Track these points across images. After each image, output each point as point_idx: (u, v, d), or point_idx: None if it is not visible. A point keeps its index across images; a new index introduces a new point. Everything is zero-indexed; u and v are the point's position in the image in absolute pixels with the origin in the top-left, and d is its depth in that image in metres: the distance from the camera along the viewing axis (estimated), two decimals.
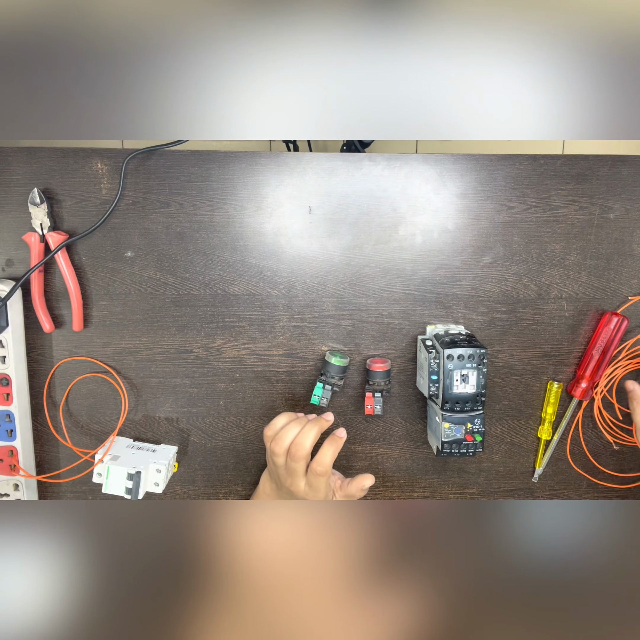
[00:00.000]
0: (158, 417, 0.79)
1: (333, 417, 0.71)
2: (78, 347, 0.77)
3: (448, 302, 0.77)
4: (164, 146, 0.71)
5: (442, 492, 0.83)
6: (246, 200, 0.74)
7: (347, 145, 1.11)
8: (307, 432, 0.66)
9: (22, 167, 0.72)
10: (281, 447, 0.67)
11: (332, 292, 0.76)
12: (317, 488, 0.68)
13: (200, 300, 0.76)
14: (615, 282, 0.77)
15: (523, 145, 1.65)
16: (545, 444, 0.80)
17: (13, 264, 0.74)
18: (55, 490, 0.81)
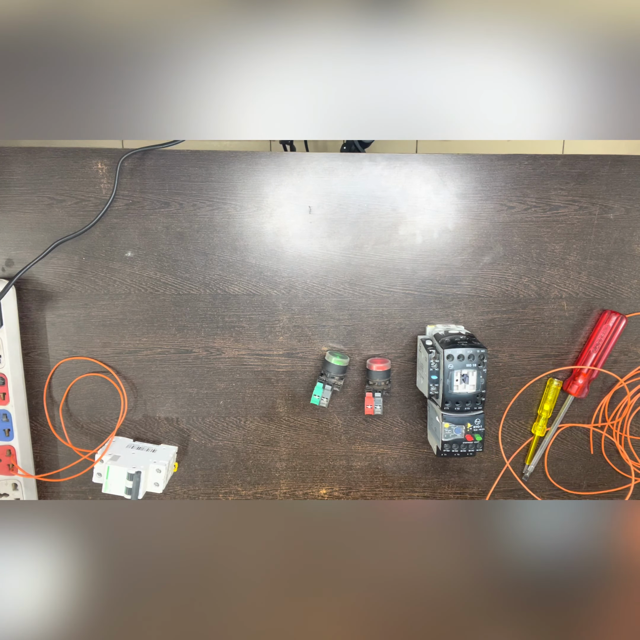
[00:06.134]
0: (158, 417, 0.79)
1: None
2: (78, 347, 0.77)
3: (448, 302, 0.77)
4: (160, 146, 0.71)
5: (442, 492, 0.83)
6: (246, 200, 0.74)
7: (347, 145, 1.11)
8: None
9: (22, 167, 0.72)
10: None
11: (332, 292, 0.76)
12: None
13: (200, 300, 0.76)
14: (615, 282, 0.77)
15: (523, 145, 1.65)
16: (538, 440, 0.80)
17: (13, 264, 0.74)
18: (55, 490, 0.81)
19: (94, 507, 0.47)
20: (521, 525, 0.47)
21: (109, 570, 0.44)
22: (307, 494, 0.83)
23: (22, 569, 0.43)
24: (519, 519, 0.47)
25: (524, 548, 0.46)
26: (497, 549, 0.46)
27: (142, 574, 0.44)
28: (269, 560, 0.46)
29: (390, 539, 0.47)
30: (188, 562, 0.45)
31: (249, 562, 0.45)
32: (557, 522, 0.47)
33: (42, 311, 0.75)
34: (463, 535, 0.46)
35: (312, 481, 0.82)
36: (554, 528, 0.46)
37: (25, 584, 0.43)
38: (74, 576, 0.43)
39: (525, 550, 0.46)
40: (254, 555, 0.45)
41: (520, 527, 0.47)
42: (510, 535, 0.46)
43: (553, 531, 0.46)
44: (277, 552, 0.46)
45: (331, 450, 0.81)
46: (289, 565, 0.45)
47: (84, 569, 0.43)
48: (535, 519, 0.47)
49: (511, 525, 0.47)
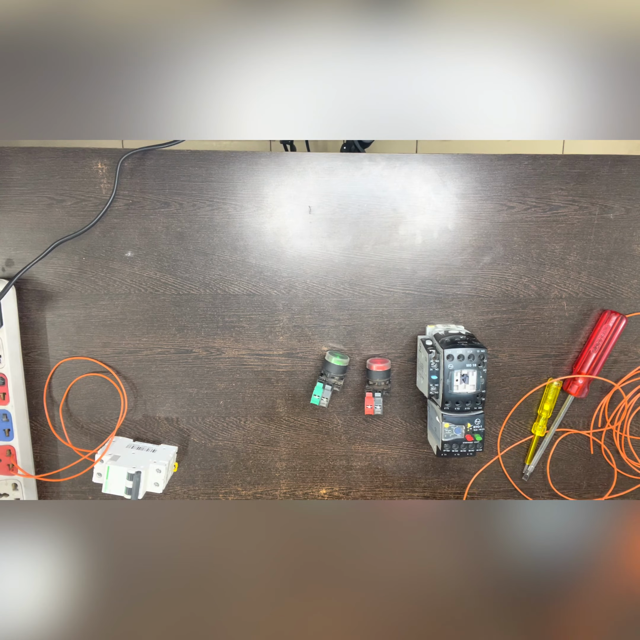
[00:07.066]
0: (158, 417, 0.79)
1: None
2: (78, 347, 0.77)
3: (448, 302, 0.77)
4: (160, 146, 0.71)
5: (442, 492, 0.83)
6: (246, 200, 0.74)
7: (347, 145, 1.11)
8: None
9: (22, 167, 0.72)
10: None
11: (332, 292, 0.76)
12: None
13: (200, 300, 0.76)
14: (615, 282, 0.77)
15: (523, 145, 1.65)
16: (538, 440, 0.80)
17: (13, 264, 0.74)
18: (55, 490, 0.81)
19: (94, 507, 0.47)
20: (521, 525, 0.47)
21: (109, 570, 0.44)
22: (307, 494, 0.83)
23: (22, 569, 0.43)
24: (518, 519, 0.47)
25: (524, 548, 0.46)
26: (497, 548, 0.46)
27: (142, 574, 0.44)
28: (269, 560, 0.46)
29: (390, 539, 0.47)
30: (188, 562, 0.45)
31: (249, 562, 0.45)
32: (556, 522, 0.47)
33: (42, 311, 0.75)
34: (463, 535, 0.46)
35: (312, 481, 0.82)
36: (553, 528, 0.46)
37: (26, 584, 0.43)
38: (74, 576, 0.43)
39: (525, 550, 0.46)
40: (254, 555, 0.45)
41: (519, 527, 0.47)
42: (510, 535, 0.46)
43: (552, 531, 0.46)
44: (277, 552, 0.46)
45: (331, 450, 0.81)
46: (289, 565, 0.45)
47: (84, 569, 0.43)
48: (535, 519, 0.47)
49: (511, 525, 0.47)
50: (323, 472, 0.81)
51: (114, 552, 0.44)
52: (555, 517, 0.47)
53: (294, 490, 0.82)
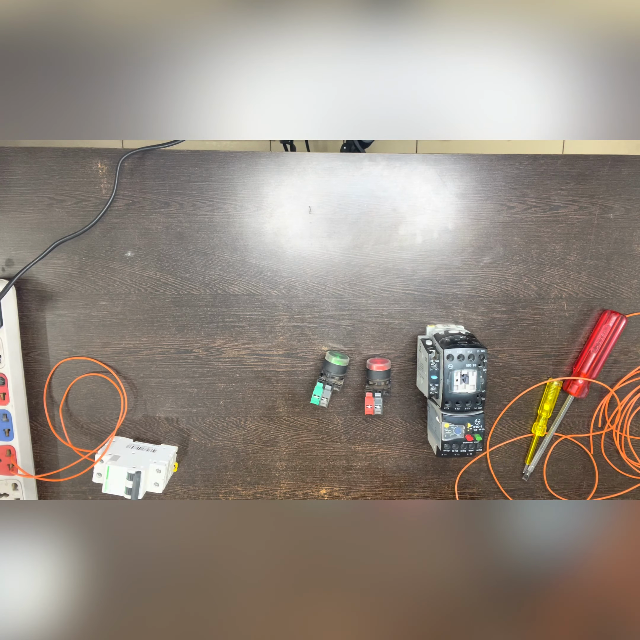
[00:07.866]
0: (158, 417, 0.79)
1: None
2: (78, 347, 0.77)
3: (448, 302, 0.77)
4: (160, 146, 0.71)
5: (442, 492, 0.83)
6: (246, 200, 0.74)
7: (347, 145, 1.11)
8: None
9: (22, 167, 0.72)
10: None
11: (332, 292, 0.76)
12: None
13: (200, 300, 0.76)
14: (615, 282, 0.77)
15: (523, 145, 1.65)
16: (538, 440, 0.80)
17: (13, 264, 0.74)
18: (55, 490, 0.81)
19: (94, 507, 0.47)
20: (521, 525, 0.47)
21: (109, 570, 0.44)
22: (307, 494, 0.83)
23: (22, 569, 0.43)
24: (518, 519, 0.47)
25: (524, 547, 0.46)
26: (497, 548, 0.46)
27: (142, 574, 0.44)
28: (269, 560, 0.46)
29: (391, 539, 0.47)
30: (188, 562, 0.45)
31: (249, 562, 0.45)
32: (556, 522, 0.47)
33: (42, 311, 0.75)
34: (463, 535, 0.46)
35: (312, 481, 0.82)
36: (553, 528, 0.46)
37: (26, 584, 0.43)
38: (74, 576, 0.43)
39: (525, 549, 0.46)
40: (254, 555, 0.46)
41: (519, 526, 0.47)
42: (510, 534, 0.46)
43: (552, 531, 0.46)
44: (277, 552, 0.46)
45: (331, 450, 0.81)
46: (289, 565, 0.45)
47: (84, 569, 0.43)
48: (535, 518, 0.47)
49: (511, 525, 0.47)
50: (323, 472, 0.82)
51: (114, 552, 0.44)
52: (555, 516, 0.47)
53: (294, 490, 0.82)
